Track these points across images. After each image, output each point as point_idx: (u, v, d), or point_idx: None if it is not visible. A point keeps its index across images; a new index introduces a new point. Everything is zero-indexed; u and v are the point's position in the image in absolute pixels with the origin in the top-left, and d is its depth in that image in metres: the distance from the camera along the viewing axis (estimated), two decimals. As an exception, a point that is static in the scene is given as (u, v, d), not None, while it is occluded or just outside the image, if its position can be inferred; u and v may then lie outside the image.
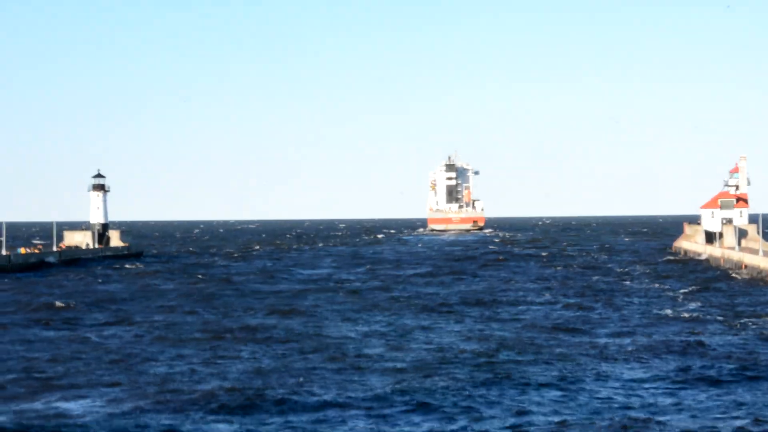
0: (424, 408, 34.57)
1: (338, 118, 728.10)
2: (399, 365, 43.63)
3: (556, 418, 32.79)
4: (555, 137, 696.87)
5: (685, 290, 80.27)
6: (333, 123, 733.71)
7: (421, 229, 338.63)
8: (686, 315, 62.45)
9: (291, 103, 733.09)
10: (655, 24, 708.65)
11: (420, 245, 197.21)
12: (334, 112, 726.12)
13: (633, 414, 33.37)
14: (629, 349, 48.09)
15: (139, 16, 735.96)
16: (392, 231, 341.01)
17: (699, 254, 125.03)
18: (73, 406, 35.72)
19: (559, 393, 37.12)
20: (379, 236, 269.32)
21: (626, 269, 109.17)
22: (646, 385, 38.55)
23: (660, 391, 37.48)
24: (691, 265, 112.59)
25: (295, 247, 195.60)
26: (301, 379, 40.30)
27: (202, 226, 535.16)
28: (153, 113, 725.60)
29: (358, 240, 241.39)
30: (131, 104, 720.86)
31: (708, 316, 61.35)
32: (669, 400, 35.71)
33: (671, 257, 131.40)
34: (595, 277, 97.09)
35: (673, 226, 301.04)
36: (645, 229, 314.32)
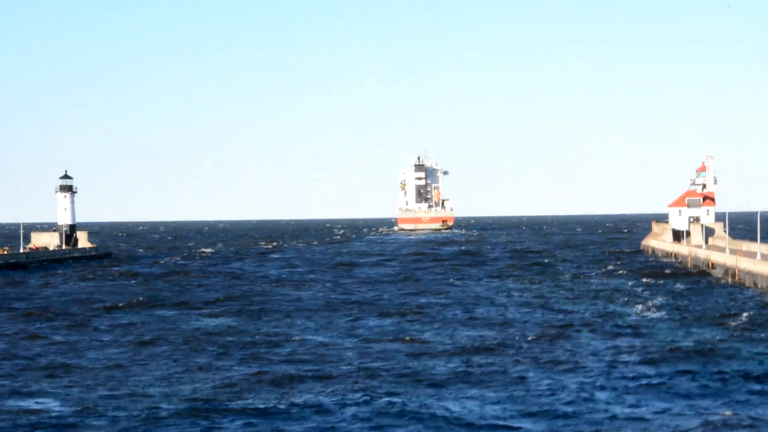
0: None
1: (307, 116, 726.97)
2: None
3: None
4: (524, 137, 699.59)
5: (642, 288, 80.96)
6: (301, 121, 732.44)
7: (383, 228, 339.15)
8: (637, 314, 62.87)
9: (258, 102, 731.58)
10: (623, 21, 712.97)
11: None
12: (303, 111, 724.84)
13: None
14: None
15: (108, 14, 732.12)
16: (341, 231, 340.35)
17: (667, 252, 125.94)
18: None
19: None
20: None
21: (586, 268, 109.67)
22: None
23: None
24: (657, 263, 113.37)
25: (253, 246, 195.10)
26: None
27: (162, 228, 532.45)
28: (121, 113, 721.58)
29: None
30: (99, 104, 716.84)
31: (658, 314, 61.77)
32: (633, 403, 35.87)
33: (637, 257, 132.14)
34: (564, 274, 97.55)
35: (643, 225, 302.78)
36: (624, 229, 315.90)
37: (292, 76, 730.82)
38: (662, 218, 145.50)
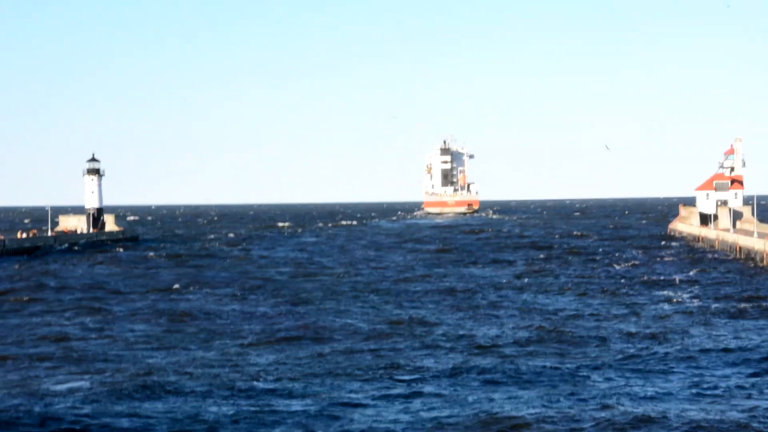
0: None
1: (334, 102, 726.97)
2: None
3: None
4: (550, 121, 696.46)
5: (677, 275, 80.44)
6: (328, 107, 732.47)
7: (401, 213, 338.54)
8: (674, 299, 62.57)
9: (286, 88, 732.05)
10: (651, 5, 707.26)
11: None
12: (330, 96, 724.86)
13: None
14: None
15: (134, 2, 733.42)
16: (356, 218, 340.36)
17: (694, 236, 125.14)
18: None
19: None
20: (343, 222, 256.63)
21: (618, 252, 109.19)
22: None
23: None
24: (685, 247, 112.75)
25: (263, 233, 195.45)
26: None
27: (181, 210, 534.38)
28: (148, 98, 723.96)
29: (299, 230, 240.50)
30: (126, 89, 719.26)
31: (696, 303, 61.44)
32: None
33: (664, 241, 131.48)
34: (593, 265, 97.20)
35: (670, 209, 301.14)
36: (649, 212, 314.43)
37: (322, 59, 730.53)
38: (690, 202, 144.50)
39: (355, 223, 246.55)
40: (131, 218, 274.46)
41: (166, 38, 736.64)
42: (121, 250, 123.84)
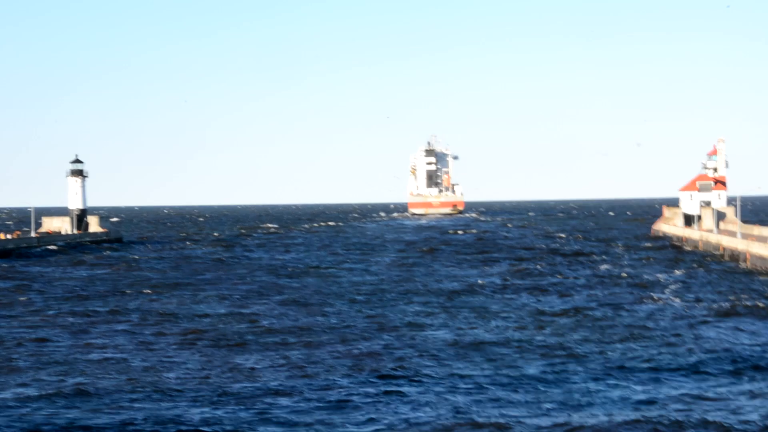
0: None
1: (318, 103, 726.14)
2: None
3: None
4: (536, 122, 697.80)
5: (661, 275, 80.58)
6: (313, 108, 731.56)
7: (383, 214, 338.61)
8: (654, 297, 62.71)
9: (271, 89, 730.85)
10: (637, 7, 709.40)
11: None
12: (314, 96, 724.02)
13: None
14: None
15: (118, 3, 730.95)
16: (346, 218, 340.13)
17: (678, 237, 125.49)
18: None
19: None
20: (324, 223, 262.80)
21: (602, 253, 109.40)
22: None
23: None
24: (669, 248, 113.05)
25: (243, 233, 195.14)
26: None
27: (166, 210, 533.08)
28: (132, 98, 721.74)
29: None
30: (109, 89, 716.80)
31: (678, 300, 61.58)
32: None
33: (648, 241, 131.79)
34: (577, 266, 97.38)
35: (654, 209, 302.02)
36: (628, 213, 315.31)
37: (306, 60, 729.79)
38: (673, 203, 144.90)
39: (341, 223, 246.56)
40: (114, 219, 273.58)
41: (151, 39, 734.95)
42: (106, 251, 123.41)
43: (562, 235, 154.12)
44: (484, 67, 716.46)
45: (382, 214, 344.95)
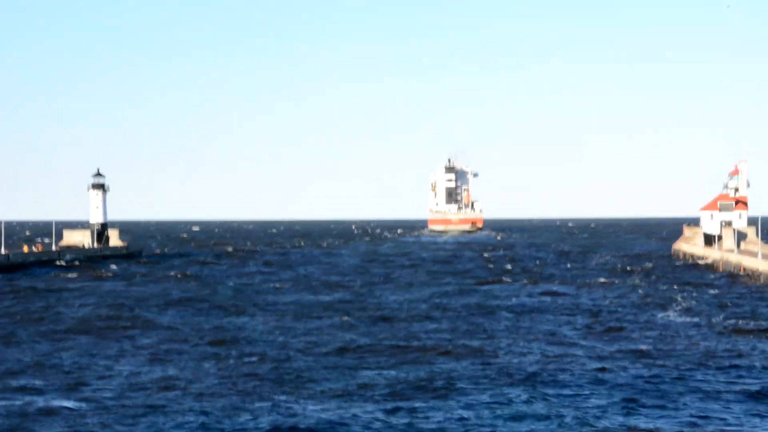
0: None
1: (339, 118, 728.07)
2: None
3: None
4: (555, 140, 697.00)
5: (680, 294, 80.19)
6: (333, 124, 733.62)
7: (400, 231, 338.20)
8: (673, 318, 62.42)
9: (291, 103, 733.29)
10: (654, 24, 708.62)
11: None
12: (335, 112, 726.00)
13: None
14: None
15: (138, 13, 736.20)
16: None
17: (698, 257, 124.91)
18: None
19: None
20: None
21: (621, 272, 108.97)
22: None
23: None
24: (689, 267, 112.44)
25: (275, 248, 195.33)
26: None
27: (196, 227, 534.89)
28: (153, 112, 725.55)
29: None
30: (131, 103, 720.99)
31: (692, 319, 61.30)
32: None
33: (668, 261, 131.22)
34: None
35: (674, 229, 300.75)
36: (653, 232, 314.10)
37: (328, 77, 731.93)
38: (694, 222, 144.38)
39: (368, 239, 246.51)
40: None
41: (174, 53, 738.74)
42: (125, 265, 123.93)
43: (581, 252, 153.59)
44: (506, 84, 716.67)
45: (400, 230, 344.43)
